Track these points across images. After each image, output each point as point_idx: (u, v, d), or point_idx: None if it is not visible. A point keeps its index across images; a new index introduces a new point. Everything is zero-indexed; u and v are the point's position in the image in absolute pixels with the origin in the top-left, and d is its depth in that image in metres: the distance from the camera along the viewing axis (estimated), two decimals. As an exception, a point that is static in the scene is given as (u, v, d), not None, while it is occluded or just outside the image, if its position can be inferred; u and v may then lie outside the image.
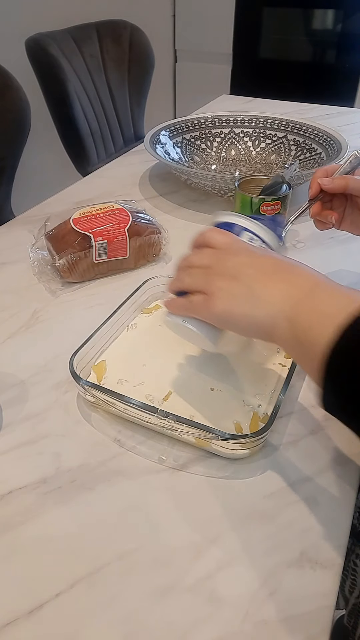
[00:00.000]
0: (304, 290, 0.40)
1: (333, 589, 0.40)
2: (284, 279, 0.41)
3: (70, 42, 1.53)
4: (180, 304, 0.46)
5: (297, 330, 0.38)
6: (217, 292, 0.42)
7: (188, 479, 0.48)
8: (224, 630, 0.37)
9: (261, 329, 0.41)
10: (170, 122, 1.13)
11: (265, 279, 0.42)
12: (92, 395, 0.52)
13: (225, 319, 0.43)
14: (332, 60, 2.17)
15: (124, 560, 0.41)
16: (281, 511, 0.45)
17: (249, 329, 0.43)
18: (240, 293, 0.41)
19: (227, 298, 0.42)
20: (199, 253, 0.47)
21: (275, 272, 0.42)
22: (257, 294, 0.41)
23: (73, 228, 0.72)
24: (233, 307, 0.42)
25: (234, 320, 0.42)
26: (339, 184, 0.61)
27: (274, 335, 0.40)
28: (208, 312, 0.43)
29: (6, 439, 0.51)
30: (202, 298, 0.43)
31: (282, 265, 0.43)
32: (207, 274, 0.44)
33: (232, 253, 0.45)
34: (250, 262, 0.43)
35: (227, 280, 0.42)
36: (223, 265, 0.44)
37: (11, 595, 0.39)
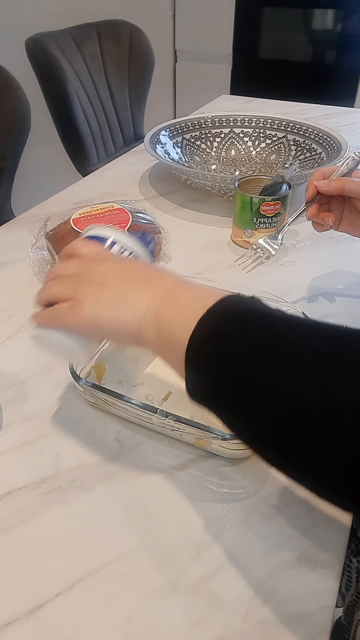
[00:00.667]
0: (167, 291, 0.40)
1: (333, 589, 0.40)
2: (150, 283, 0.42)
3: (70, 42, 1.53)
4: (47, 314, 0.45)
5: (160, 329, 0.39)
6: (84, 298, 0.42)
7: (188, 479, 0.48)
8: (224, 630, 0.37)
9: (129, 332, 0.41)
10: (170, 122, 1.13)
11: (132, 283, 0.42)
12: (92, 395, 0.52)
13: (93, 324, 0.42)
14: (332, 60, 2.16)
15: (124, 560, 0.41)
16: (281, 511, 0.45)
17: (117, 334, 0.43)
18: (108, 297, 0.41)
19: (95, 303, 0.41)
20: (66, 262, 0.46)
21: (141, 277, 0.43)
22: (124, 297, 0.41)
23: (73, 228, 0.72)
24: (100, 311, 0.41)
25: (102, 326, 0.42)
26: (335, 186, 0.61)
27: (142, 338, 0.40)
28: (76, 318, 0.42)
29: (6, 439, 0.51)
30: (69, 304, 0.42)
31: (148, 271, 0.44)
32: (74, 281, 0.44)
33: (99, 261, 0.45)
34: (117, 268, 0.44)
35: (94, 285, 0.42)
36: (90, 272, 0.44)
37: (11, 595, 0.39)
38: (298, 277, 0.76)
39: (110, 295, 0.41)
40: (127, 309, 0.41)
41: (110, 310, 0.41)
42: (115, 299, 0.41)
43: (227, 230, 0.87)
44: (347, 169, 0.63)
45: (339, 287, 0.74)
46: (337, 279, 0.75)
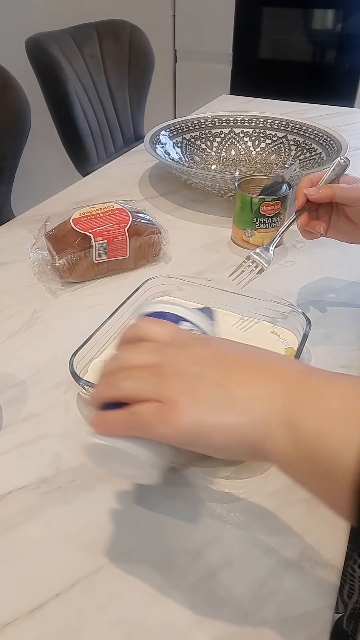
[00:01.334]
0: (294, 383, 0.31)
1: (333, 589, 0.40)
2: (258, 369, 0.32)
3: (70, 42, 1.53)
4: (118, 419, 0.33)
5: (302, 440, 0.28)
6: (178, 398, 0.31)
7: (188, 478, 0.48)
8: (224, 630, 0.37)
9: (246, 442, 0.30)
10: (170, 122, 1.13)
11: (237, 373, 0.32)
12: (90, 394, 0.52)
13: (194, 434, 0.31)
14: (332, 60, 2.16)
15: (124, 560, 0.41)
16: (281, 511, 0.45)
17: (228, 446, 0.31)
18: (210, 395, 0.31)
19: (193, 404, 0.31)
20: (136, 349, 0.35)
21: (246, 363, 0.33)
22: (232, 394, 0.31)
23: (73, 228, 0.72)
24: (204, 415, 0.31)
25: (208, 435, 0.31)
26: (325, 194, 0.60)
27: (266, 448, 0.30)
28: (169, 426, 0.31)
29: (6, 439, 0.51)
30: (156, 407, 0.32)
31: (250, 353, 0.34)
32: (155, 374, 0.33)
33: (183, 345, 0.35)
34: (211, 355, 0.34)
35: (188, 379, 0.32)
36: (176, 360, 0.33)
37: (11, 595, 0.39)
38: (298, 278, 0.76)
39: (213, 392, 0.31)
40: (241, 410, 0.30)
41: (218, 414, 0.31)
42: (221, 397, 0.31)
43: (227, 230, 0.87)
44: (334, 175, 0.62)
45: (339, 287, 0.74)
46: (337, 279, 0.75)
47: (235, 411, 0.31)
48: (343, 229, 0.63)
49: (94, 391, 0.36)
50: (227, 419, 0.30)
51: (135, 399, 0.33)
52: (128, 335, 0.37)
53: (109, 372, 0.36)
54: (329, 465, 0.27)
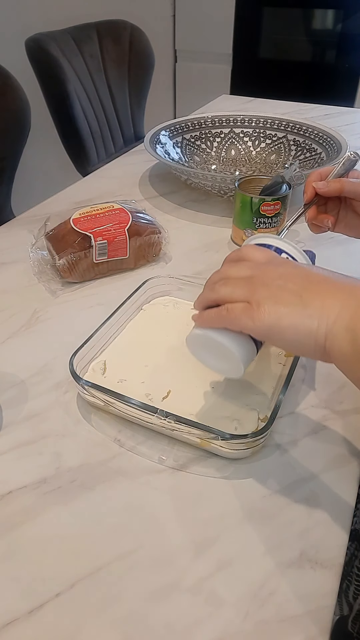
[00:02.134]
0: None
1: (333, 589, 0.40)
2: (338, 288, 0.38)
3: (70, 42, 1.53)
4: (215, 314, 0.41)
5: (358, 341, 0.34)
6: (262, 300, 0.38)
7: (188, 479, 0.48)
8: (224, 630, 0.37)
9: (314, 341, 0.36)
10: (170, 122, 1.13)
11: (316, 288, 0.38)
12: (92, 395, 0.52)
13: (272, 328, 0.37)
14: (332, 60, 2.16)
15: (124, 560, 0.41)
16: (281, 511, 0.45)
17: (298, 343, 0.38)
18: (289, 301, 0.37)
19: (275, 306, 0.37)
20: (236, 265, 0.42)
21: (326, 281, 0.38)
22: (309, 302, 0.37)
23: (73, 228, 0.72)
24: (282, 316, 0.37)
25: (283, 332, 0.37)
26: (334, 187, 0.60)
27: (329, 349, 0.36)
28: (252, 320, 0.38)
29: (6, 439, 0.51)
30: (244, 306, 0.39)
31: (332, 276, 0.39)
32: (248, 283, 0.40)
33: (276, 264, 0.41)
34: (297, 272, 0.40)
35: (273, 289, 0.38)
36: (267, 274, 0.40)
37: (11, 595, 0.39)
38: (298, 277, 0.76)
39: (293, 298, 0.37)
40: (314, 314, 0.36)
41: (293, 315, 0.37)
42: (299, 303, 0.37)
43: (227, 230, 0.87)
44: (343, 169, 0.62)
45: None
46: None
47: (308, 316, 0.36)
48: (351, 223, 0.63)
49: (199, 295, 0.43)
50: (299, 321, 0.37)
51: (230, 301, 0.40)
52: (232, 256, 0.44)
53: (212, 281, 0.43)
54: None
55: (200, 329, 0.43)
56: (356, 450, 0.50)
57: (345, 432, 0.52)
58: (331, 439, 0.51)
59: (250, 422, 0.50)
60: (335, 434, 0.52)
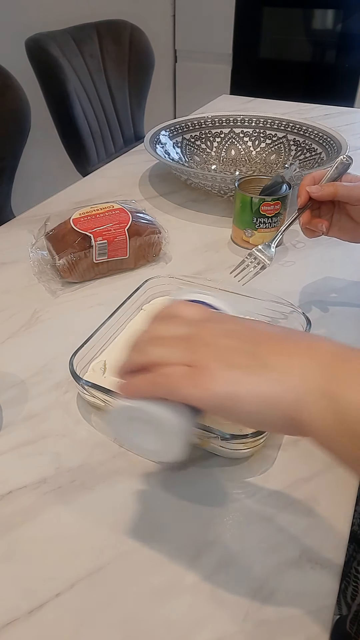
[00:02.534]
0: (332, 356, 0.30)
1: (333, 589, 0.40)
2: (301, 345, 0.31)
3: (70, 42, 1.53)
4: (148, 381, 0.33)
5: (344, 411, 0.28)
6: (208, 363, 0.30)
7: (188, 478, 0.48)
8: (224, 630, 0.37)
9: (281, 412, 0.29)
10: (170, 122, 1.13)
11: (271, 344, 0.31)
12: (92, 395, 0.52)
13: (227, 399, 0.30)
14: (332, 60, 2.16)
15: (124, 560, 0.41)
16: (281, 511, 0.45)
17: (261, 415, 0.30)
18: (243, 363, 0.30)
19: (225, 369, 0.30)
20: (169, 322, 0.35)
21: (280, 337, 0.32)
22: (267, 363, 0.30)
23: (73, 228, 0.72)
24: (237, 382, 0.29)
25: (240, 402, 0.30)
26: (328, 192, 0.60)
27: (302, 420, 0.29)
28: (198, 389, 0.30)
29: (6, 439, 0.51)
30: (185, 370, 0.31)
31: (287, 331, 0.34)
32: (186, 342, 0.32)
33: (216, 321, 0.34)
34: (245, 329, 0.33)
35: (220, 349, 0.31)
36: (208, 332, 0.33)
37: (11, 595, 0.39)
38: (298, 278, 0.76)
39: (247, 360, 0.30)
40: (277, 378, 0.29)
41: (251, 380, 0.29)
42: (255, 365, 0.30)
43: (227, 230, 0.87)
44: (337, 173, 0.62)
45: (340, 287, 0.74)
46: (337, 279, 0.75)
47: (271, 380, 0.29)
48: (345, 227, 0.63)
49: (124, 361, 0.35)
50: (262, 387, 0.29)
51: (165, 365, 0.32)
52: (161, 314, 0.37)
53: (140, 342, 0.35)
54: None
55: (129, 401, 0.34)
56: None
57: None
58: (331, 439, 0.51)
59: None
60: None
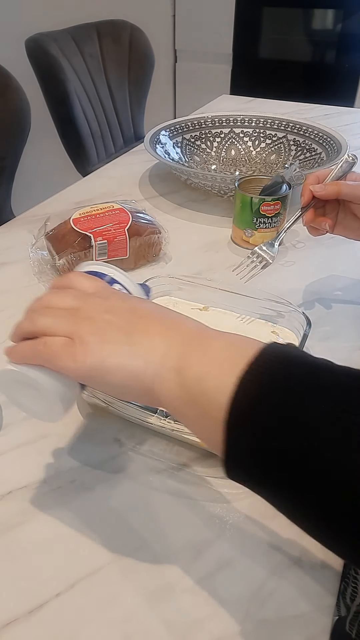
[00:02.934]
0: (189, 336, 0.34)
1: (333, 589, 0.40)
2: (167, 326, 0.35)
3: (70, 42, 1.53)
4: (29, 347, 0.36)
5: (185, 382, 0.32)
6: (87, 337, 0.34)
7: (188, 479, 0.48)
8: (224, 630, 0.37)
9: (140, 383, 0.34)
10: (170, 122, 1.13)
11: (144, 325, 0.35)
12: (92, 395, 0.52)
13: (96, 370, 0.34)
14: (332, 60, 2.16)
15: (124, 560, 0.41)
16: (281, 511, 0.45)
17: (125, 386, 0.34)
18: (116, 339, 0.34)
19: (99, 344, 0.34)
20: (61, 293, 0.38)
21: (155, 318, 0.36)
22: (137, 340, 0.34)
23: (73, 228, 0.72)
24: (106, 354, 0.34)
25: (107, 374, 0.34)
26: (331, 190, 0.60)
27: (156, 391, 0.33)
28: (72, 360, 0.34)
29: (6, 439, 0.51)
30: (65, 342, 0.35)
31: (161, 312, 0.37)
32: (72, 315, 0.36)
33: (104, 296, 0.38)
34: (127, 307, 0.37)
35: (100, 324, 0.35)
36: (93, 307, 0.36)
37: (11, 595, 0.39)
38: (298, 278, 0.76)
39: (120, 336, 0.34)
40: (141, 354, 0.34)
41: (119, 355, 0.34)
42: (125, 342, 0.34)
43: (227, 230, 0.87)
44: (341, 172, 0.62)
45: (340, 287, 0.74)
46: (337, 279, 0.75)
47: (135, 355, 0.34)
48: (350, 225, 0.63)
49: (15, 325, 0.39)
50: (126, 361, 0.34)
51: (49, 334, 0.36)
52: (58, 283, 0.40)
53: (32, 310, 0.39)
54: (207, 405, 0.30)
55: (13, 365, 0.37)
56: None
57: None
58: (331, 439, 0.51)
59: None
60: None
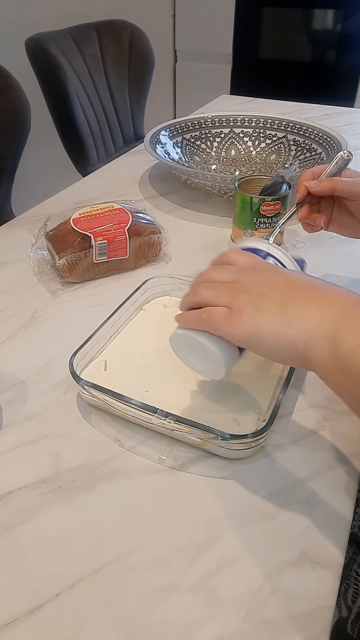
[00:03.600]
0: (345, 307, 0.36)
1: (333, 589, 0.40)
2: (320, 296, 0.38)
3: (70, 42, 1.53)
4: (195, 316, 0.42)
5: (338, 351, 0.34)
6: (244, 307, 0.38)
7: (188, 479, 0.48)
8: (224, 630, 0.37)
9: (294, 349, 0.36)
10: (170, 122, 1.13)
11: (298, 295, 0.38)
12: (92, 395, 0.52)
13: (252, 336, 0.38)
14: (332, 60, 2.17)
15: (124, 560, 0.41)
16: (281, 511, 0.45)
17: (278, 350, 0.38)
18: (270, 309, 0.37)
19: (255, 313, 0.38)
20: (220, 269, 0.43)
21: (308, 288, 0.39)
22: (290, 310, 0.37)
23: (73, 228, 0.72)
24: (262, 323, 0.37)
25: (262, 339, 0.38)
26: (326, 187, 0.60)
27: (310, 357, 0.36)
28: (231, 327, 0.39)
29: (6, 439, 0.51)
30: (225, 311, 0.39)
31: (315, 283, 0.39)
32: (231, 288, 0.40)
33: (259, 270, 0.41)
34: (280, 279, 0.40)
35: (256, 295, 0.39)
36: (249, 281, 0.40)
37: (11, 595, 0.39)
38: (298, 277, 0.76)
39: (274, 306, 0.38)
40: (294, 322, 0.36)
41: (273, 323, 0.37)
42: (279, 311, 0.37)
43: (227, 230, 0.87)
44: (336, 168, 0.62)
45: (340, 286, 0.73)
46: (337, 279, 0.75)
47: (287, 323, 0.37)
48: (345, 223, 0.63)
49: (183, 297, 0.44)
50: (278, 328, 0.37)
51: (212, 305, 0.41)
52: (218, 260, 0.45)
53: (196, 284, 0.43)
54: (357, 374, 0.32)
55: (182, 329, 0.44)
56: (356, 450, 0.50)
57: (345, 432, 0.52)
58: (331, 438, 0.51)
59: (250, 422, 0.51)
60: (335, 434, 0.52)
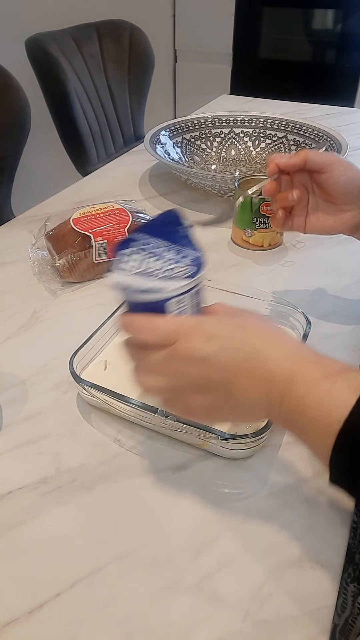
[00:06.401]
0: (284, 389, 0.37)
1: (333, 589, 0.40)
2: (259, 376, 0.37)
3: (70, 42, 1.53)
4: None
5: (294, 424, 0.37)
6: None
7: (188, 479, 0.48)
8: (224, 630, 0.37)
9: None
10: (170, 122, 1.13)
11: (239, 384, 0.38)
12: (92, 395, 0.52)
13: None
14: (332, 60, 2.17)
15: (124, 560, 0.41)
16: (281, 511, 0.45)
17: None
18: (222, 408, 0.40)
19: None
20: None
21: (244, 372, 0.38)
22: (240, 404, 0.39)
23: (73, 228, 0.72)
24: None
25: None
26: (296, 160, 0.56)
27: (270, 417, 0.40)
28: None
29: (6, 439, 0.51)
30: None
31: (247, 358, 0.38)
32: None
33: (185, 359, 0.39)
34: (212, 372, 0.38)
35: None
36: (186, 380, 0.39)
37: (11, 595, 0.39)
38: (298, 278, 0.76)
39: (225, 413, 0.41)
40: (247, 412, 0.40)
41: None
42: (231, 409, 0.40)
43: (227, 230, 0.87)
44: None
45: (340, 287, 0.74)
46: (336, 279, 0.75)
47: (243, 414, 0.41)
48: (325, 210, 0.59)
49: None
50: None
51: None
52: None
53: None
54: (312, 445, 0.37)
55: None
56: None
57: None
58: (331, 439, 0.51)
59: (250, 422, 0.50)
60: (335, 434, 0.51)
